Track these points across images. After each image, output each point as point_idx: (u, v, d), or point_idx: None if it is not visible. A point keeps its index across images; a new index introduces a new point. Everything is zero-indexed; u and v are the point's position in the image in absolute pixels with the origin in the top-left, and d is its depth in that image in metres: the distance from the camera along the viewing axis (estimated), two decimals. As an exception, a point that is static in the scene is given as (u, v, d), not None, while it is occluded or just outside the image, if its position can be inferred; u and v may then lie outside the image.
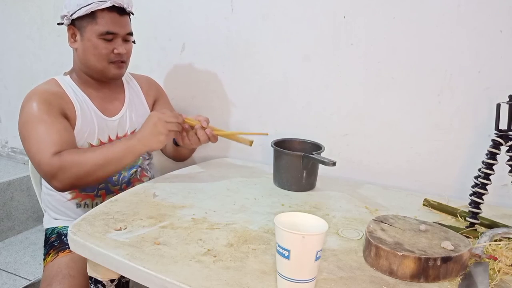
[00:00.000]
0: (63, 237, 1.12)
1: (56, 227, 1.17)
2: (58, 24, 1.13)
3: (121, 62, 1.13)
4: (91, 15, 1.06)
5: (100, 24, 1.06)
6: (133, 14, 1.16)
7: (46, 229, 1.20)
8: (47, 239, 1.16)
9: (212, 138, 1.09)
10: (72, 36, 1.11)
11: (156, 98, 1.33)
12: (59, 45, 1.81)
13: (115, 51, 1.09)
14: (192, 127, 1.09)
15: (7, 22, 1.95)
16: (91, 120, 1.13)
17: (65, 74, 1.18)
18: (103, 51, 1.08)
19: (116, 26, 1.08)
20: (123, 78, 1.25)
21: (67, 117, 1.07)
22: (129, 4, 1.11)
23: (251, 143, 1.12)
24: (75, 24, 1.08)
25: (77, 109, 1.10)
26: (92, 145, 1.12)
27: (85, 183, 1.03)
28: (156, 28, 1.52)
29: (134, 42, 1.20)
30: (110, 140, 1.16)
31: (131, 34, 1.14)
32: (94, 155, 0.99)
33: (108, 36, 1.07)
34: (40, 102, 1.03)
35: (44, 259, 1.09)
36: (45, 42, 1.85)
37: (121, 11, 1.09)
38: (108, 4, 1.05)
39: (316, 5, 1.22)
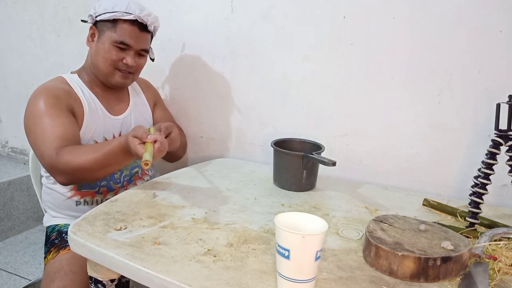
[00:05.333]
0: (63, 235, 1.12)
1: (56, 225, 1.17)
2: (82, 21, 1.16)
3: (128, 72, 1.15)
4: (113, 22, 1.09)
5: (117, 33, 1.09)
6: (154, 34, 1.19)
7: (47, 227, 1.20)
8: (47, 237, 1.16)
9: (165, 146, 0.91)
10: (91, 36, 1.14)
11: (155, 101, 1.36)
12: (59, 45, 1.81)
13: (124, 61, 1.12)
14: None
15: (7, 22, 1.95)
16: (98, 118, 1.14)
17: (72, 72, 1.19)
18: (113, 57, 1.11)
19: (132, 39, 1.10)
20: None
21: (74, 113, 1.09)
22: (153, 23, 1.13)
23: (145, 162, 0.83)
24: (97, 25, 1.12)
25: (85, 107, 1.12)
26: (96, 142, 1.13)
27: (85, 181, 1.10)
28: (156, 28, 1.52)
29: (152, 60, 1.23)
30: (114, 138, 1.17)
31: (146, 51, 1.16)
32: (92, 158, 0.96)
33: (122, 45, 1.10)
34: (48, 96, 1.04)
35: (45, 257, 1.10)
36: (45, 42, 1.85)
37: (143, 27, 1.12)
38: (131, 17, 1.08)
39: (316, 5, 1.22)
